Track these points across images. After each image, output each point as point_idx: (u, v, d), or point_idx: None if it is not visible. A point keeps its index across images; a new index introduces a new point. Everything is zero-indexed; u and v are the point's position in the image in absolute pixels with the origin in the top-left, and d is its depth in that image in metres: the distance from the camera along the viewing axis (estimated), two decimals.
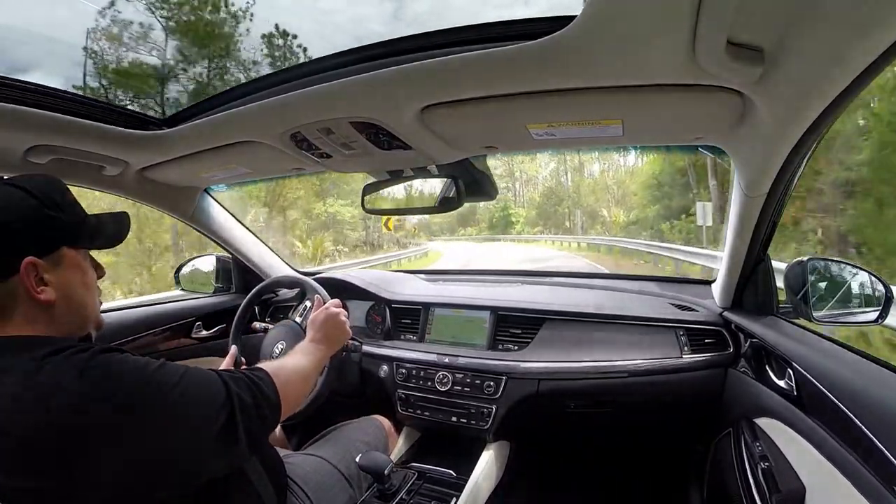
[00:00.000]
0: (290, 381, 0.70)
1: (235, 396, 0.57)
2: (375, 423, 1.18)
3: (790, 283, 0.93)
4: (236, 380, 0.60)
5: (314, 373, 0.82)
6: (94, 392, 0.47)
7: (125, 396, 0.49)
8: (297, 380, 0.75)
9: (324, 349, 0.88)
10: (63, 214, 0.57)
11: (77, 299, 0.58)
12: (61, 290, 0.55)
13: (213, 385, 0.56)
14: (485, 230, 35.65)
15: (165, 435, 0.50)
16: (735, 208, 0.90)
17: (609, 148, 0.88)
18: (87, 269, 0.61)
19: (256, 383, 0.62)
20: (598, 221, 25.21)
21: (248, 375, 0.63)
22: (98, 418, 0.47)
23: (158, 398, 0.50)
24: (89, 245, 0.61)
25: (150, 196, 1.23)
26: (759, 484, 0.78)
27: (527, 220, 34.62)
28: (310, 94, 0.68)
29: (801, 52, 0.46)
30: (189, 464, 0.52)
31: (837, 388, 0.63)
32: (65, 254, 0.57)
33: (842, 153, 7.79)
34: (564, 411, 1.18)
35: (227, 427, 0.55)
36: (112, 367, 0.50)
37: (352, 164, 0.99)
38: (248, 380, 0.61)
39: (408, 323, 1.41)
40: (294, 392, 0.72)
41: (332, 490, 0.91)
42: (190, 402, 0.53)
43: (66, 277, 0.56)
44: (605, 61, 0.53)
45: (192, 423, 0.52)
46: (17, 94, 0.72)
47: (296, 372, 0.75)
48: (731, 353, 1.08)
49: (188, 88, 12.17)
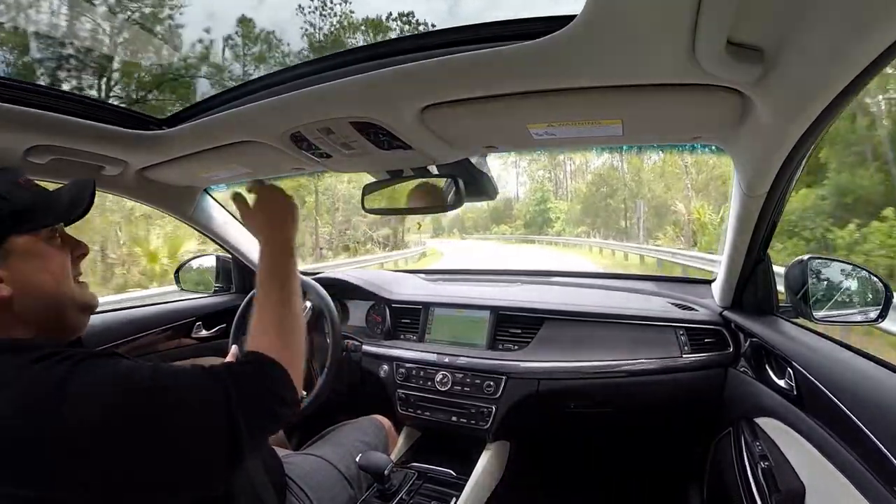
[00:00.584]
0: (287, 342, 0.61)
1: (237, 409, 0.50)
2: (375, 422, 1.18)
3: (790, 282, 0.94)
4: (235, 375, 0.53)
5: (294, 292, 0.67)
6: (73, 406, 0.42)
7: (104, 410, 0.43)
8: (292, 330, 0.63)
9: (279, 240, 0.73)
10: (5, 202, 0.51)
11: (39, 288, 0.53)
12: (17, 283, 0.51)
13: (209, 398, 0.49)
14: (520, 228, 30.24)
15: (151, 456, 0.44)
16: (735, 208, 0.90)
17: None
18: (46, 253, 0.55)
19: (264, 371, 0.55)
20: (667, 220, 16.70)
21: (250, 371, 0.56)
22: (75, 432, 0.42)
23: (143, 416, 0.45)
24: (37, 226, 0.54)
25: (149, 196, 1.23)
26: (759, 483, 0.78)
27: (568, 218, 27.30)
28: (310, 94, 0.68)
29: (801, 52, 0.46)
30: (177, 486, 0.47)
31: (837, 387, 0.63)
32: (14, 244, 0.52)
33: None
34: (564, 411, 1.18)
35: (230, 449, 0.49)
36: (93, 377, 0.45)
37: (352, 164, 0.99)
38: (253, 372, 0.55)
39: (408, 323, 1.41)
40: (293, 351, 0.62)
41: (332, 490, 0.91)
42: (180, 426, 0.47)
43: (19, 269, 0.51)
44: (604, 61, 0.53)
45: (182, 443, 0.46)
46: (16, 93, 0.72)
47: (286, 313, 0.64)
48: (731, 353, 1.08)
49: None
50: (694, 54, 0.48)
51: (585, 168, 31.85)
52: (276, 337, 0.61)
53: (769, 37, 0.46)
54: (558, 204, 30.14)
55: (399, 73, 0.60)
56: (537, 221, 28.87)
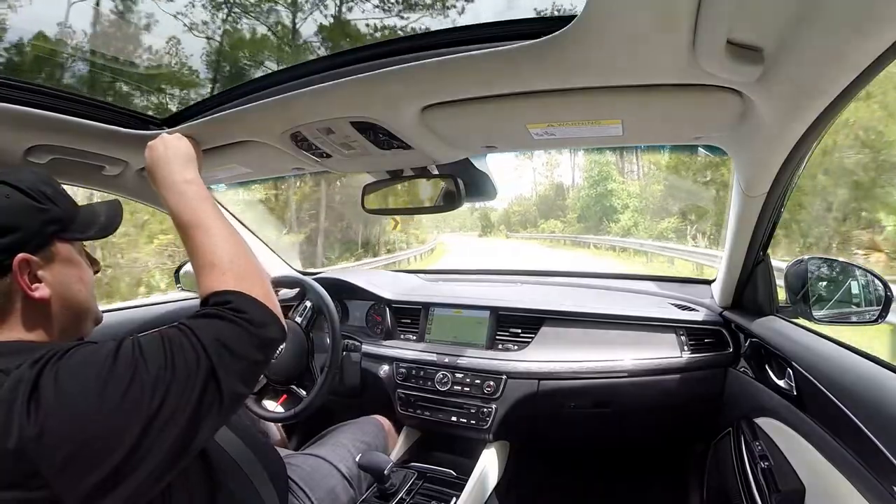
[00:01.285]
0: (240, 273, 0.57)
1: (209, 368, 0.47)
2: (375, 422, 1.18)
3: (790, 282, 0.93)
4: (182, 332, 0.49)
5: (216, 216, 0.63)
6: (56, 399, 0.41)
7: (72, 402, 0.42)
8: (237, 255, 0.59)
9: (177, 167, 0.68)
10: (53, 207, 0.55)
11: (73, 295, 0.56)
12: (56, 286, 0.54)
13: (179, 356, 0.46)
14: (573, 224, 21.84)
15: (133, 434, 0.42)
16: (735, 208, 0.90)
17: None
18: (81, 263, 0.59)
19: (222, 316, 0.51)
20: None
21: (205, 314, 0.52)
22: (68, 426, 0.41)
23: (116, 395, 0.43)
24: (81, 236, 0.59)
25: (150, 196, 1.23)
26: (759, 483, 0.78)
27: (644, 205, 16.92)
28: (310, 94, 0.68)
29: (801, 52, 0.46)
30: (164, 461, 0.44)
31: (837, 387, 0.63)
32: (58, 248, 0.55)
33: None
34: (564, 411, 1.18)
35: (206, 398, 0.46)
36: (70, 367, 0.44)
37: (352, 163, 0.99)
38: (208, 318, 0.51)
39: (408, 323, 1.41)
40: (249, 279, 0.57)
41: (332, 490, 0.91)
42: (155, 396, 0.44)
43: (60, 273, 0.55)
44: (604, 61, 0.53)
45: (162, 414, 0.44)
46: (16, 93, 0.72)
47: (218, 237, 0.60)
48: (731, 353, 1.08)
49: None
50: (694, 54, 0.48)
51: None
52: (227, 269, 0.57)
53: (769, 37, 0.46)
54: (626, 186, 19.17)
55: (399, 73, 0.60)
56: (594, 212, 19.48)
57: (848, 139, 8.67)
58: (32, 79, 9.93)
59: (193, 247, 0.60)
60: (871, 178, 8.55)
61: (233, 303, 0.53)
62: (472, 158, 0.99)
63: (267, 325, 0.54)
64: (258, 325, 0.53)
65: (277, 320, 0.56)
